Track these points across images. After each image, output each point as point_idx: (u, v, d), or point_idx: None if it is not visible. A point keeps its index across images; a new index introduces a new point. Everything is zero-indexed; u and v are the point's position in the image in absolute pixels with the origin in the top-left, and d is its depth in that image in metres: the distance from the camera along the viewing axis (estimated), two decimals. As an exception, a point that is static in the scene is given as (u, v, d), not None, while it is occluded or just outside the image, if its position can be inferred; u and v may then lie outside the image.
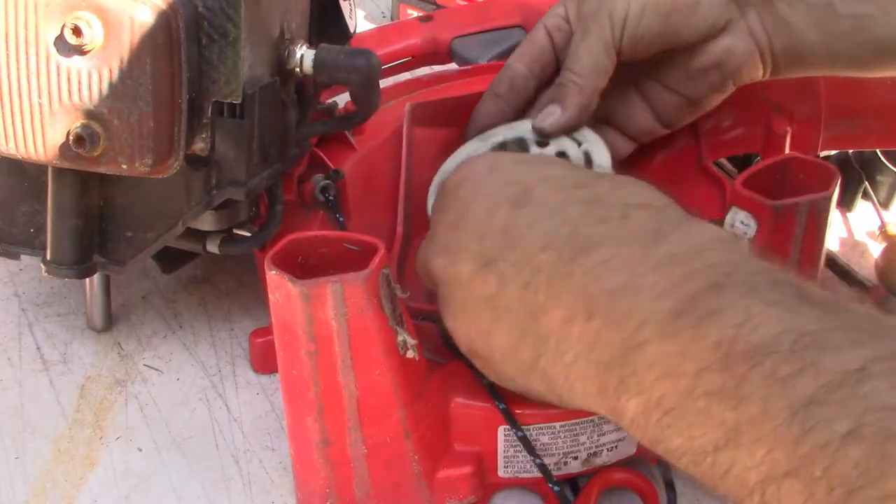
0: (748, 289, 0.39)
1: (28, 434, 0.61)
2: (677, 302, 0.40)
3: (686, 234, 0.44)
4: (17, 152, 0.53)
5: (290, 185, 0.65)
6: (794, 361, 0.35)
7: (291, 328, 0.49)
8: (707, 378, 0.38)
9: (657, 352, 0.40)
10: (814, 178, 0.57)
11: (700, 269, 0.41)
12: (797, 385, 0.35)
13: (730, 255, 0.42)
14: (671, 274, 0.41)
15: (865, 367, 0.34)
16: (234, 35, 0.52)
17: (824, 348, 0.35)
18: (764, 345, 0.37)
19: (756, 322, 0.37)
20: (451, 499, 0.55)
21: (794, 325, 0.37)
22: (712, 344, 0.38)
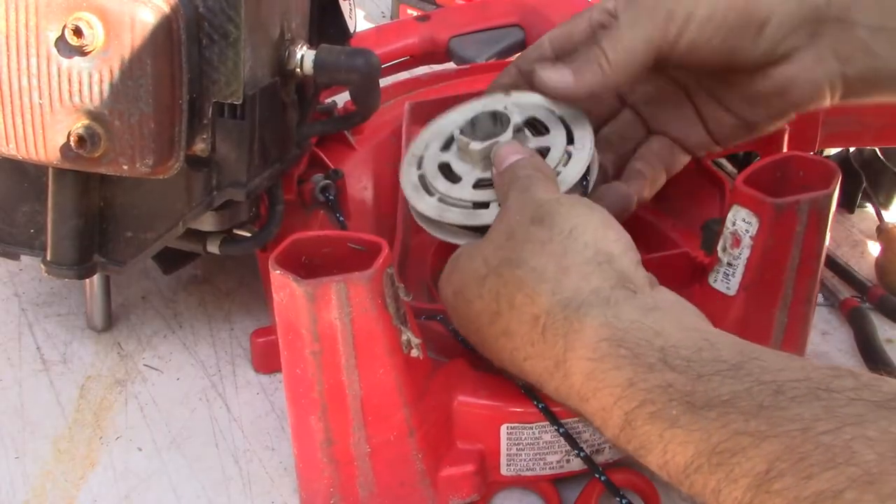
0: (650, 417, 0.44)
1: (28, 434, 0.61)
2: (615, 437, 0.46)
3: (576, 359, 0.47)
4: (17, 153, 0.53)
5: (290, 185, 0.65)
6: (715, 474, 0.40)
7: (295, 328, 0.49)
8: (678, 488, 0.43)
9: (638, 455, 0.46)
10: (814, 176, 0.57)
11: (608, 403, 0.46)
12: (725, 495, 0.40)
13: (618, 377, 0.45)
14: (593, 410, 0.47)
15: (772, 467, 0.38)
16: (234, 36, 0.52)
17: (734, 457, 0.40)
18: (688, 465, 0.42)
19: (673, 449, 0.42)
20: (454, 497, 0.55)
21: (703, 443, 0.41)
22: (657, 467, 0.44)
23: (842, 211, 0.84)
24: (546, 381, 0.50)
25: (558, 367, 0.48)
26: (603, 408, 0.46)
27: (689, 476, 0.42)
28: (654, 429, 0.43)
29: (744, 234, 0.57)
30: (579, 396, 0.48)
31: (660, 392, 0.44)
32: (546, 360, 0.49)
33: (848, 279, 0.76)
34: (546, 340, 0.49)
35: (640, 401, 0.44)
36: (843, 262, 0.78)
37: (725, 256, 0.58)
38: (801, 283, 0.58)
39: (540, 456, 0.56)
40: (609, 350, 0.46)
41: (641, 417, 0.44)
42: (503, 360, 0.52)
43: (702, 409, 0.42)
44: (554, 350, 0.48)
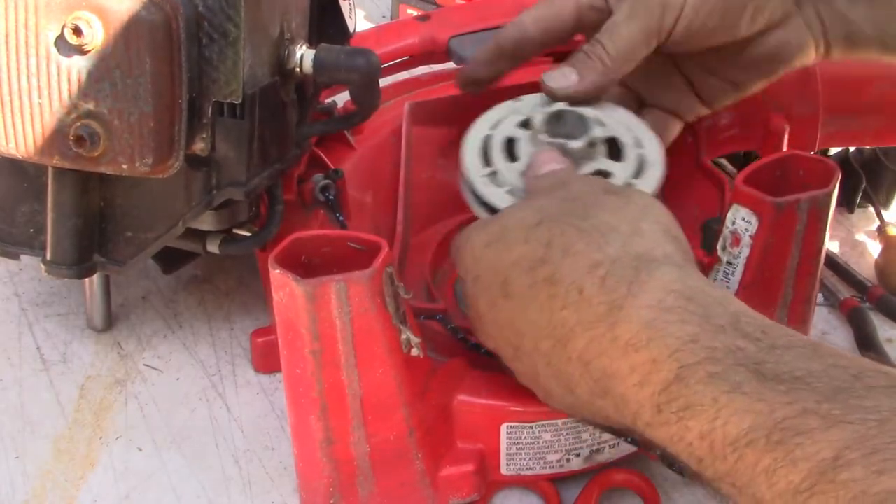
0: (710, 378, 0.40)
1: (28, 434, 0.61)
2: (655, 394, 0.42)
3: (637, 304, 0.44)
4: (17, 152, 0.53)
5: (290, 185, 0.65)
6: (773, 452, 0.37)
7: (295, 327, 0.49)
8: (709, 465, 0.40)
9: (662, 436, 0.43)
10: (814, 174, 0.57)
11: (660, 357, 0.42)
12: (780, 476, 0.37)
13: (682, 331, 0.43)
14: (641, 361, 0.43)
15: (840, 454, 0.35)
16: (234, 35, 0.52)
17: (797, 436, 0.37)
18: (740, 437, 0.39)
19: (727, 415, 0.39)
20: (453, 496, 0.55)
21: (764, 417, 0.38)
22: (697, 436, 0.41)
23: (842, 211, 0.84)
24: (579, 333, 0.46)
25: (610, 313, 0.45)
26: (653, 359, 0.43)
27: (739, 449, 0.39)
28: (710, 390, 0.40)
29: (743, 233, 0.57)
30: (625, 347, 0.44)
31: (726, 353, 0.41)
32: (593, 307, 0.46)
33: (848, 279, 0.76)
34: (604, 286, 0.46)
35: (701, 357, 0.41)
36: (843, 262, 0.78)
37: (725, 256, 0.58)
38: (800, 282, 0.58)
39: (540, 455, 0.56)
40: (678, 302, 0.44)
41: (698, 375, 0.41)
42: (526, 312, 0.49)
43: (770, 380, 0.39)
44: (612, 296, 0.45)
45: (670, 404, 0.42)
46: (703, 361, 0.41)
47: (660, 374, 0.42)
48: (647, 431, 0.44)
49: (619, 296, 0.45)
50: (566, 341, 0.47)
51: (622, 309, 0.45)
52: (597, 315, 0.45)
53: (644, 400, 0.43)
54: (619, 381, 0.44)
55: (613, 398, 0.45)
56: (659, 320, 0.43)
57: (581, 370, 0.46)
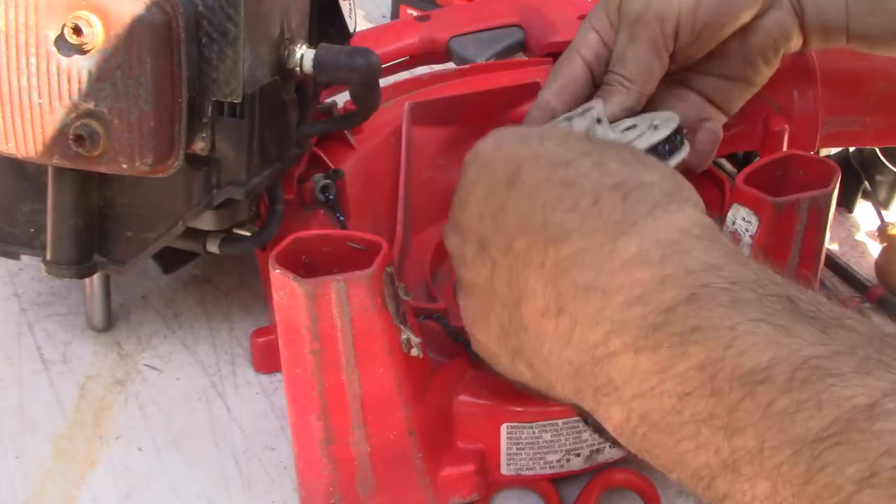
0: (732, 302, 0.36)
1: (28, 434, 0.61)
2: (652, 312, 0.38)
3: (656, 225, 0.41)
4: (17, 152, 0.53)
5: (290, 185, 0.65)
6: (794, 393, 0.33)
7: (295, 327, 0.49)
8: (693, 403, 0.35)
9: (631, 366, 0.38)
10: (814, 174, 0.57)
11: (675, 274, 0.38)
12: (798, 420, 0.32)
13: (708, 256, 0.39)
14: (642, 277, 0.39)
15: (878, 402, 0.31)
16: (233, 34, 0.52)
17: (828, 378, 0.33)
18: (756, 371, 0.34)
19: (744, 344, 0.35)
20: (454, 496, 0.55)
21: (790, 350, 0.34)
22: (695, 366, 0.36)
23: (842, 211, 0.84)
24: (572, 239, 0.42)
25: (618, 226, 0.41)
26: (665, 276, 0.38)
27: (748, 385, 0.34)
28: (730, 315, 0.36)
29: (744, 233, 0.56)
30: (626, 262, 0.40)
31: (754, 285, 0.37)
32: (602, 218, 0.41)
33: (848, 279, 0.76)
34: (625, 201, 0.42)
35: (726, 283, 0.37)
36: (843, 262, 0.78)
37: (725, 256, 0.58)
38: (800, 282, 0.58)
39: (540, 455, 0.56)
40: (703, 233, 0.40)
41: (719, 298, 0.36)
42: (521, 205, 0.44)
43: (804, 317, 0.35)
44: (629, 211, 0.41)
45: (671, 325, 0.37)
46: (727, 287, 0.37)
47: (668, 292, 0.38)
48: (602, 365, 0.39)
49: (638, 213, 0.41)
50: (550, 244, 0.42)
51: (635, 224, 0.41)
52: (602, 225, 0.41)
53: (630, 320, 0.38)
54: (596, 298, 0.40)
55: (573, 318, 0.41)
56: (681, 242, 0.39)
57: (547, 280, 0.42)
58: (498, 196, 0.46)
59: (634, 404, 0.38)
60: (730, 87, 0.68)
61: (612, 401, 0.39)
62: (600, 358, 0.39)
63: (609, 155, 0.45)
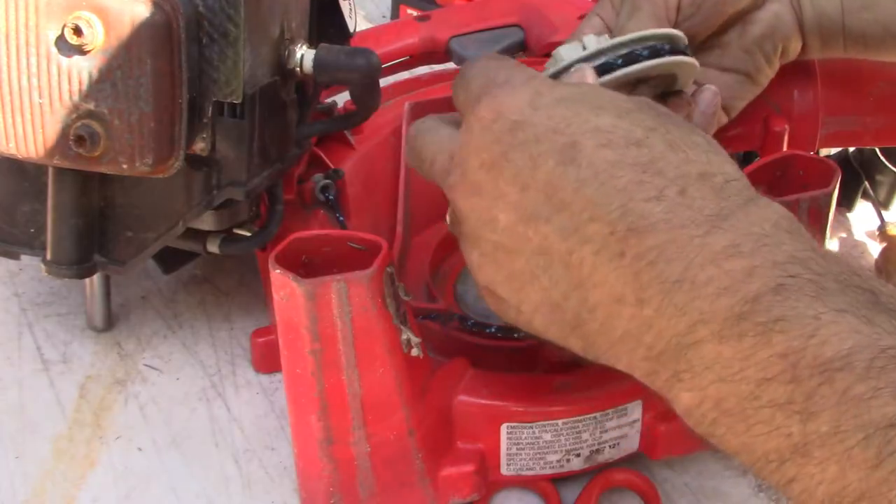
0: (817, 293, 0.36)
1: (28, 434, 0.61)
2: (739, 303, 0.38)
3: (748, 218, 0.40)
4: (17, 152, 0.53)
5: (290, 185, 0.65)
6: (870, 380, 0.33)
7: (295, 327, 0.49)
8: (771, 388, 0.36)
9: (714, 353, 0.38)
10: (814, 174, 0.57)
11: (764, 265, 0.38)
12: (873, 406, 0.33)
13: (796, 248, 0.39)
14: (732, 269, 0.38)
15: None
16: (234, 35, 0.52)
17: None
18: (836, 359, 0.34)
19: (826, 333, 0.35)
20: (454, 496, 0.55)
21: (870, 340, 0.34)
22: (778, 354, 0.36)
23: (842, 210, 0.84)
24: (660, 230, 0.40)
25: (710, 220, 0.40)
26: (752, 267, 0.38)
27: (828, 372, 0.34)
28: (815, 305, 0.36)
29: None
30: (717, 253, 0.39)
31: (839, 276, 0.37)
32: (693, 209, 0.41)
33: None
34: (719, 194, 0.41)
35: (812, 274, 0.37)
36: (843, 261, 0.77)
37: (725, 256, 0.58)
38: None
39: (540, 455, 0.56)
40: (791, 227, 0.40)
41: (805, 289, 0.37)
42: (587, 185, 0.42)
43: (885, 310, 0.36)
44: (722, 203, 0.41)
45: (757, 314, 0.37)
46: (814, 278, 0.37)
47: (755, 282, 0.38)
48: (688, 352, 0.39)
49: (731, 206, 0.40)
50: (632, 234, 0.41)
51: (727, 219, 0.40)
52: (693, 218, 0.40)
53: (717, 310, 0.38)
54: (683, 291, 0.39)
55: (655, 308, 0.40)
56: (772, 236, 0.39)
57: (625, 270, 0.41)
58: (549, 170, 0.43)
59: (711, 389, 0.38)
60: (731, 81, 0.67)
61: (688, 386, 0.39)
62: (684, 346, 0.39)
63: (680, 134, 0.43)
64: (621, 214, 0.41)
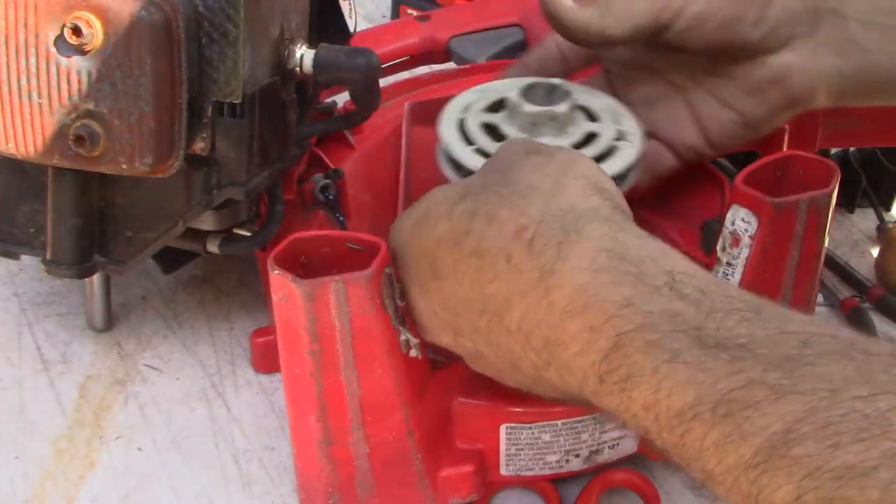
0: (646, 346, 0.39)
1: (28, 434, 0.61)
2: (596, 363, 0.41)
3: (568, 269, 0.43)
4: (17, 152, 0.53)
5: (290, 185, 0.65)
6: (719, 426, 0.36)
7: (294, 328, 0.49)
8: (656, 437, 0.39)
9: (608, 405, 0.41)
10: (814, 175, 0.57)
11: (598, 322, 0.41)
12: (730, 451, 0.35)
13: (616, 294, 0.41)
14: (578, 329, 0.42)
15: (791, 428, 0.34)
16: (234, 35, 0.52)
17: (745, 409, 0.35)
18: (685, 410, 0.37)
19: (669, 385, 0.38)
20: (453, 497, 0.55)
21: (706, 387, 0.36)
22: (642, 407, 0.39)
23: (842, 211, 0.84)
24: (514, 304, 0.44)
25: (541, 280, 0.43)
26: (591, 327, 0.41)
27: (685, 422, 0.37)
28: (649, 360, 0.38)
29: (743, 233, 0.56)
30: (562, 314, 0.42)
31: (663, 319, 0.39)
32: (523, 274, 0.44)
33: (848, 279, 0.76)
34: (532, 250, 0.44)
35: (637, 324, 0.39)
36: (843, 262, 0.78)
37: (725, 256, 0.58)
38: (800, 282, 0.58)
39: (539, 456, 0.56)
40: (609, 263, 0.42)
41: (635, 344, 0.39)
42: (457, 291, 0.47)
43: (712, 348, 0.37)
44: (540, 261, 0.43)
45: (612, 374, 0.40)
46: (640, 328, 0.39)
47: (598, 342, 0.40)
48: (594, 400, 0.42)
49: (549, 259, 0.43)
50: (502, 314, 0.45)
51: (553, 273, 0.43)
52: (529, 283, 0.44)
53: (587, 368, 0.41)
54: (561, 350, 0.43)
55: (558, 368, 0.43)
56: (592, 283, 0.42)
57: (522, 343, 0.45)
58: (432, 290, 0.49)
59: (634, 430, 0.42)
60: (727, 119, 0.64)
61: None
62: (587, 397, 0.42)
63: (492, 202, 0.46)
64: (483, 304, 0.46)
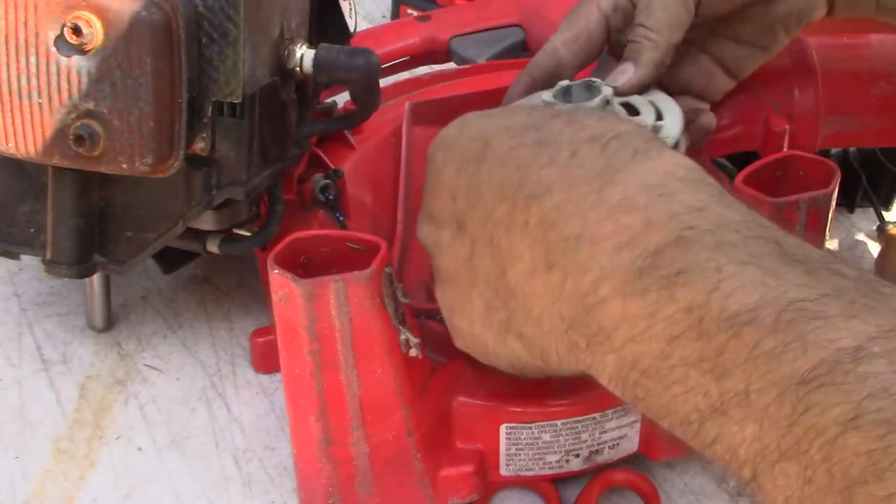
0: (718, 244, 0.36)
1: (28, 434, 0.61)
2: (639, 257, 0.37)
3: (640, 170, 0.40)
4: (17, 152, 0.53)
5: (290, 185, 0.65)
6: (779, 334, 0.32)
7: (294, 327, 0.49)
8: (681, 346, 0.35)
9: (620, 312, 0.37)
10: (814, 175, 0.57)
11: (660, 217, 0.38)
12: (784, 361, 0.32)
13: (694, 198, 0.38)
14: (629, 222, 0.38)
15: (863, 345, 0.31)
16: (234, 35, 0.52)
17: (814, 320, 0.32)
18: (742, 313, 0.34)
19: (730, 286, 0.34)
20: (453, 497, 0.55)
21: (776, 292, 0.33)
22: (683, 309, 0.35)
23: (842, 211, 0.84)
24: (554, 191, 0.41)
25: (601, 174, 0.40)
26: (648, 220, 0.38)
27: (735, 326, 0.33)
28: (717, 257, 0.35)
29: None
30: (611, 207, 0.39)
31: (741, 226, 0.37)
32: (584, 167, 0.41)
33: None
34: (605, 150, 0.41)
35: (712, 225, 0.37)
36: (843, 262, 0.77)
37: (725, 256, 0.58)
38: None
39: (539, 456, 0.56)
40: (690, 174, 0.40)
41: (705, 241, 0.36)
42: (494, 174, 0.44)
43: (791, 259, 0.35)
44: (611, 159, 0.41)
45: (658, 269, 0.36)
46: (713, 229, 0.36)
47: (654, 235, 0.37)
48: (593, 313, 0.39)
49: (621, 160, 0.41)
50: (531, 201, 0.42)
51: (619, 172, 0.40)
52: (585, 175, 0.41)
53: (618, 265, 0.38)
54: (585, 247, 0.39)
55: (564, 271, 0.40)
56: (665, 185, 0.39)
57: (534, 238, 0.42)
58: (469, 172, 0.45)
59: (626, 351, 0.38)
60: (745, 52, 0.65)
61: (605, 349, 0.39)
62: (591, 306, 0.39)
63: (580, 113, 0.45)
64: (519, 186, 0.43)
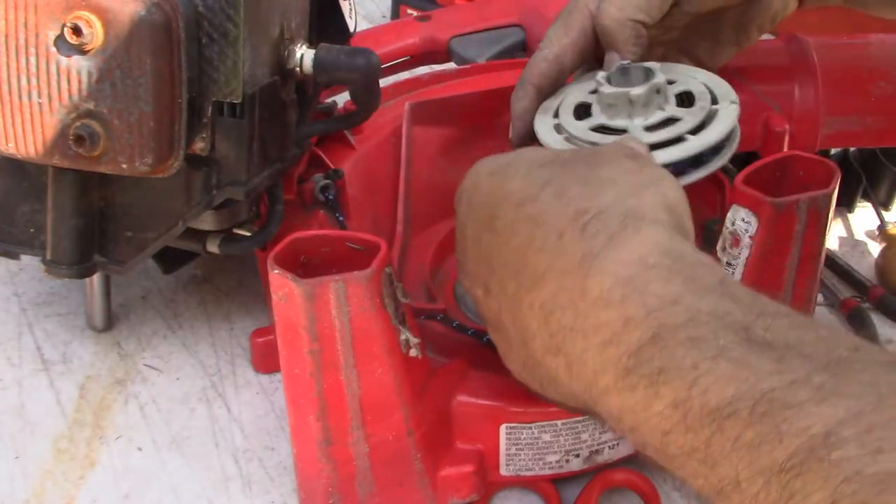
0: (691, 340, 0.37)
1: (28, 434, 0.61)
2: (623, 355, 0.39)
3: (615, 257, 0.41)
4: (17, 152, 0.53)
5: (290, 185, 0.65)
6: (756, 426, 0.34)
7: (294, 327, 0.49)
8: (675, 439, 0.37)
9: (619, 404, 0.40)
10: (814, 175, 0.57)
11: (637, 314, 0.39)
12: (763, 452, 0.34)
13: (665, 290, 0.40)
14: (609, 319, 0.40)
15: (833, 430, 0.32)
16: (234, 35, 0.52)
17: (786, 409, 0.34)
18: (721, 407, 0.35)
19: (706, 382, 0.36)
20: (453, 497, 0.55)
21: (748, 385, 0.35)
22: (669, 405, 0.37)
23: (842, 211, 0.84)
24: (548, 281, 0.43)
25: (583, 263, 0.42)
26: (626, 318, 0.39)
27: (717, 421, 0.35)
28: (691, 354, 0.37)
29: (743, 233, 0.56)
30: (594, 302, 0.41)
31: (710, 317, 0.38)
32: (567, 254, 0.42)
33: (848, 279, 0.76)
34: (584, 233, 0.42)
35: (683, 319, 0.38)
36: (843, 262, 0.77)
37: (725, 256, 0.58)
38: (800, 283, 0.58)
39: (539, 456, 0.56)
40: (661, 260, 0.41)
41: (677, 338, 0.37)
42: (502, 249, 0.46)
43: (759, 347, 0.36)
44: (589, 244, 0.42)
45: (641, 367, 0.38)
46: (684, 324, 0.38)
47: (633, 333, 0.39)
48: (601, 400, 0.41)
49: (598, 245, 0.42)
50: (531, 287, 0.44)
51: (597, 259, 0.41)
52: (570, 264, 0.42)
53: (608, 361, 0.40)
54: (579, 339, 0.41)
55: (567, 357, 0.42)
56: (638, 277, 0.40)
57: (539, 322, 0.44)
58: (483, 242, 0.48)
59: (635, 436, 0.40)
60: (721, 50, 0.67)
61: (621, 430, 0.41)
62: (597, 395, 0.41)
63: (570, 178, 0.46)
64: (520, 269, 0.45)
